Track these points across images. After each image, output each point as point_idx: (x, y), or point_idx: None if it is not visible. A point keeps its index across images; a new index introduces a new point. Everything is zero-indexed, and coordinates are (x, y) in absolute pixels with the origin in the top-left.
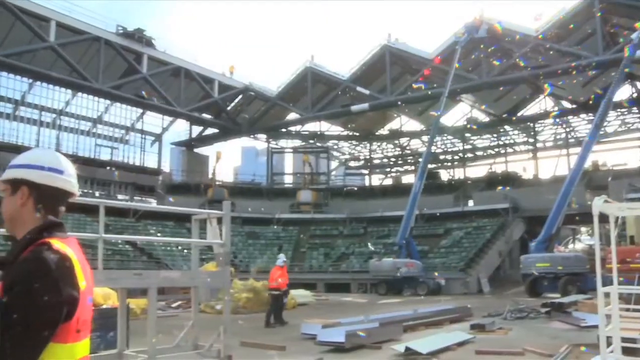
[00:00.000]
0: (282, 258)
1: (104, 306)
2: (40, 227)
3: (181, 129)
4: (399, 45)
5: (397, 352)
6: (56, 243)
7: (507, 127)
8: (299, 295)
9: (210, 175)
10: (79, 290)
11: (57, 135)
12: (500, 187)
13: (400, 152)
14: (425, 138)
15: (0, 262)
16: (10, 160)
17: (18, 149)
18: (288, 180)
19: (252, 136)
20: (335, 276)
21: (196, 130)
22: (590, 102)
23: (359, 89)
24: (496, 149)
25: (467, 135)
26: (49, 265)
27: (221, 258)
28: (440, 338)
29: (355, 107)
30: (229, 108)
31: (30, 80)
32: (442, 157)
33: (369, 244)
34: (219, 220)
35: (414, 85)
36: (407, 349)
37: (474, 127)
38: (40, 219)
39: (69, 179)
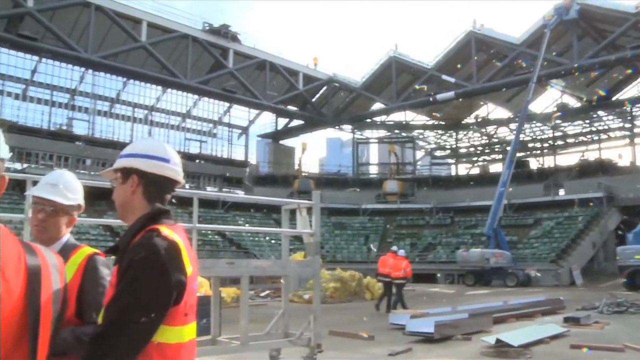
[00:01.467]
0: (397, 249)
1: (197, 294)
2: (149, 214)
3: (267, 121)
4: (484, 31)
5: (488, 344)
6: (164, 230)
7: (600, 113)
8: None
9: (296, 167)
10: (187, 275)
11: (149, 130)
12: (593, 176)
13: (487, 141)
14: (513, 126)
15: (114, 248)
16: (107, 155)
17: (114, 145)
18: (373, 170)
19: (337, 127)
20: (422, 267)
21: (282, 122)
22: None
23: (444, 77)
24: (588, 136)
25: (558, 122)
26: (159, 251)
27: (311, 247)
28: (533, 330)
29: (440, 96)
30: (313, 99)
31: (125, 79)
32: (531, 145)
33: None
34: (309, 210)
35: (501, 72)
36: (498, 341)
37: (565, 113)
38: (149, 207)
39: (175, 167)
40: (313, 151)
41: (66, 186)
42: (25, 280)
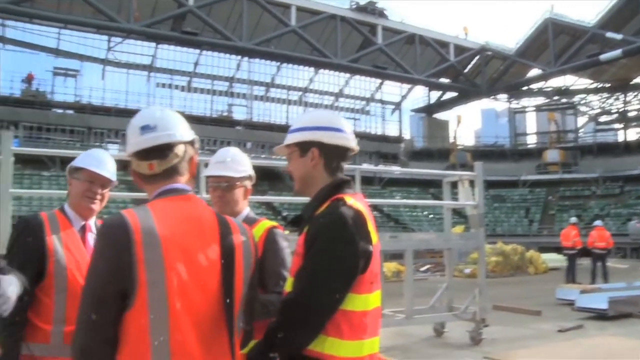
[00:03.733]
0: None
1: None
2: (332, 184)
3: (419, 95)
4: None
5: None
6: (349, 199)
7: None
8: (550, 259)
9: (451, 140)
10: (372, 243)
11: (304, 110)
12: None
13: None
14: None
15: (297, 219)
16: (265, 137)
17: (271, 127)
18: (532, 140)
19: (491, 97)
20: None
21: (434, 95)
22: None
23: (608, 34)
24: None
25: None
26: (346, 220)
27: (475, 220)
28: None
29: (605, 56)
30: (466, 70)
31: (278, 63)
32: None
33: None
34: (470, 183)
35: None
36: None
37: None
38: (330, 177)
39: (348, 136)
40: (467, 123)
41: (234, 160)
42: (220, 246)
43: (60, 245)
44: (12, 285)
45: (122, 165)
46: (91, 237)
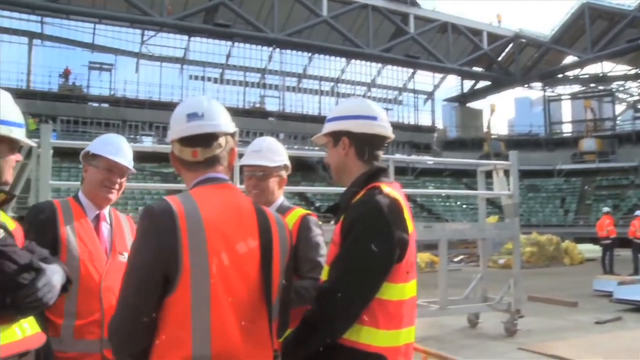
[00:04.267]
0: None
1: None
2: (368, 172)
3: (452, 84)
4: None
5: None
6: (385, 187)
7: None
8: (587, 250)
9: (484, 129)
10: (408, 232)
11: (336, 101)
12: None
13: None
14: None
15: (334, 207)
16: (298, 128)
17: (304, 118)
18: (567, 128)
19: (525, 85)
20: (626, 230)
21: (467, 84)
22: None
23: None
24: None
25: None
26: (382, 208)
27: (510, 209)
28: None
29: None
30: (499, 58)
31: (310, 54)
32: None
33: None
34: (505, 172)
35: None
36: None
37: None
38: (364, 166)
39: (383, 124)
40: (500, 112)
41: (269, 149)
42: (259, 233)
43: (73, 235)
44: (56, 274)
45: (158, 158)
46: (105, 227)
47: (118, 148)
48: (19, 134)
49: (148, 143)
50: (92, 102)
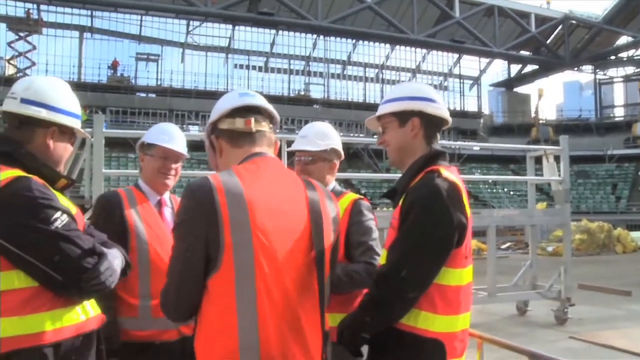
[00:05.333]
0: None
1: None
2: (427, 155)
3: (499, 69)
4: None
5: None
6: (444, 171)
7: None
8: (639, 237)
9: (532, 114)
10: (467, 216)
11: (381, 88)
12: None
13: None
14: None
15: (391, 192)
16: (343, 115)
17: (348, 105)
18: (619, 112)
19: (575, 69)
20: None
21: (514, 69)
22: None
23: None
24: None
25: None
26: (441, 192)
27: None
28: None
29: None
30: (548, 41)
31: (354, 41)
32: None
33: None
34: (555, 158)
35: None
36: None
37: None
38: (427, 148)
39: (444, 107)
40: (548, 97)
41: (316, 135)
42: (308, 208)
43: (139, 221)
44: (117, 259)
45: (205, 146)
46: (167, 211)
47: (171, 136)
48: (78, 125)
49: (194, 132)
50: (139, 93)
